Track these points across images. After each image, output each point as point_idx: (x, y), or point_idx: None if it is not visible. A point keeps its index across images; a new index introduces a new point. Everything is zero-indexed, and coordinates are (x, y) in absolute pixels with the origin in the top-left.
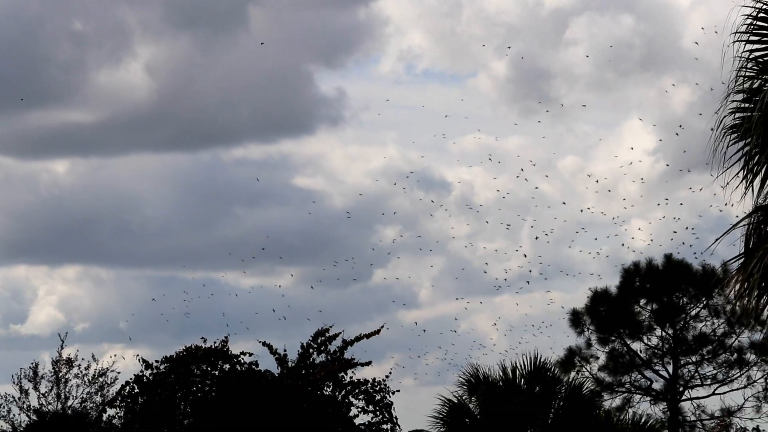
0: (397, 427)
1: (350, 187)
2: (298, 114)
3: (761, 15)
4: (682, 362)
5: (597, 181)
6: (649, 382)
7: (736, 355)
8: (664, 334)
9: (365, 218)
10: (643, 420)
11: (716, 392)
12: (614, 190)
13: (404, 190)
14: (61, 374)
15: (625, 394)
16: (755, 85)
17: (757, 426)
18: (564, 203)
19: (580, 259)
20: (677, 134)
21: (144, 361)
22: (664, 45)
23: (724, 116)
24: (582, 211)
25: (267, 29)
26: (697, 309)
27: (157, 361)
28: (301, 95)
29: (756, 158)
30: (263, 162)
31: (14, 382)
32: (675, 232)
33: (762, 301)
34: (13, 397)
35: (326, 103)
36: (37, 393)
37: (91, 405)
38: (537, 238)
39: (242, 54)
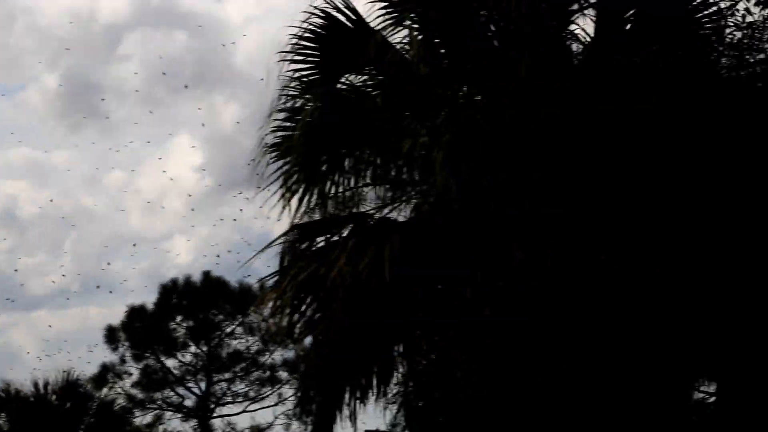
0: None
1: None
2: None
3: (306, 35)
4: (215, 379)
5: (143, 197)
6: (181, 399)
7: (268, 372)
8: (198, 350)
9: None
10: None
11: (247, 410)
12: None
13: None
14: None
15: (157, 411)
16: (297, 105)
17: None
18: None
19: (120, 276)
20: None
21: None
22: (216, 62)
23: (266, 135)
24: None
25: None
26: (233, 326)
27: None
28: None
29: (294, 177)
30: None
31: None
32: (215, 248)
33: (294, 318)
34: None
35: None
36: None
37: None
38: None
39: None
